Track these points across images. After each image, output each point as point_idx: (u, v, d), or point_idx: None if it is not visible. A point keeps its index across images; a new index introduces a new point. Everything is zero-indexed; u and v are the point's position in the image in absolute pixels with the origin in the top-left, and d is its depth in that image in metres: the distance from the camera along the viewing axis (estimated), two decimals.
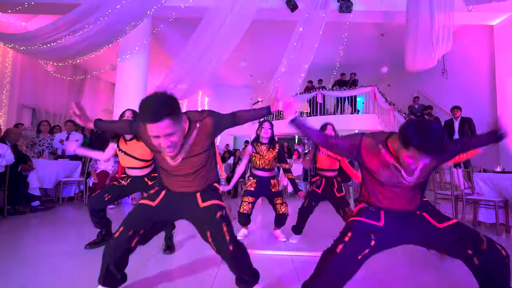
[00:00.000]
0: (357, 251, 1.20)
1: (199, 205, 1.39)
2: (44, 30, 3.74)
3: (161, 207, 1.40)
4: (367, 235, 1.24)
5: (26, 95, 8.08)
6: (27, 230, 3.02)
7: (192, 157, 1.33)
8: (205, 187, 1.44)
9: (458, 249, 1.25)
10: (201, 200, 1.40)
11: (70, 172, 4.80)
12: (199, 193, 1.42)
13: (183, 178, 1.38)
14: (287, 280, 1.78)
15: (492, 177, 3.55)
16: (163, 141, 1.16)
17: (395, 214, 1.31)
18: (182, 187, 1.41)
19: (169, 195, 1.43)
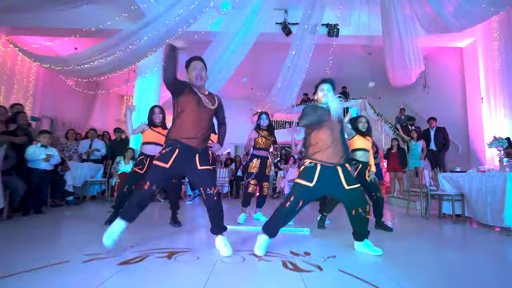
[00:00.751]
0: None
1: (197, 167, 2.05)
2: (80, 54, 4.55)
3: (173, 167, 2.01)
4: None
5: (46, 107, 8.82)
6: (64, 218, 3.67)
7: (207, 112, 2.11)
8: (204, 149, 2.11)
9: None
10: (199, 164, 2.06)
11: (94, 173, 5.53)
12: (198, 154, 2.05)
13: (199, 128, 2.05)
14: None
15: (451, 175, 4.29)
16: (198, 72, 2.07)
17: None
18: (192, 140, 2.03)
19: (178, 154, 2.00)
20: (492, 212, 3.39)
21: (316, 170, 2.09)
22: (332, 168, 2.12)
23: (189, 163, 2.06)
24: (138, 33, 4.53)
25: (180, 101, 2.06)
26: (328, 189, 2.17)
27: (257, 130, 3.52)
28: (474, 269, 1.99)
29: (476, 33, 6.11)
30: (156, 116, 3.23)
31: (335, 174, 2.12)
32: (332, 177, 2.12)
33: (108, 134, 7.00)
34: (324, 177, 2.09)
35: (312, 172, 2.10)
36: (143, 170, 3.07)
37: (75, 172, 4.97)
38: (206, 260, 1.91)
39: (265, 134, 3.51)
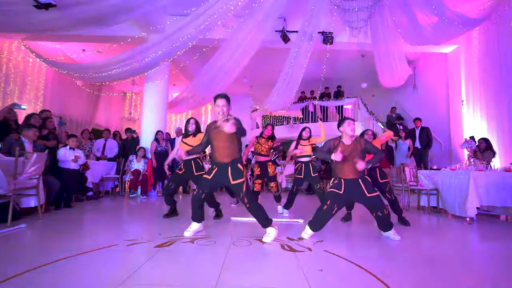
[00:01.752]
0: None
1: (230, 181, 2.63)
2: (101, 63, 5.01)
3: (214, 179, 2.67)
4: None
5: (55, 105, 9.23)
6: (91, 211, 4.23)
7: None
8: (233, 161, 2.63)
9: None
10: (232, 179, 2.63)
11: (109, 171, 6.05)
12: (230, 167, 2.61)
13: (223, 145, 2.62)
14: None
15: (428, 172, 4.87)
16: (221, 108, 2.58)
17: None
18: (223, 157, 2.63)
19: (217, 171, 2.64)
20: (459, 204, 3.98)
21: (341, 184, 2.76)
22: (354, 181, 2.75)
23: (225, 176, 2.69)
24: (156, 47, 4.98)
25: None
26: (353, 196, 2.77)
27: (258, 137, 4.05)
28: (436, 248, 2.57)
29: (459, 41, 6.61)
30: (190, 126, 3.65)
31: (358, 185, 2.74)
32: (355, 187, 2.74)
33: (119, 133, 7.48)
34: (348, 188, 2.73)
35: (340, 185, 2.77)
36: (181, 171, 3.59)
37: (93, 169, 5.49)
38: (221, 244, 2.47)
39: (262, 141, 4.02)
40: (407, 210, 4.83)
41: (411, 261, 2.20)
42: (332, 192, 2.73)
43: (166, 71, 6.35)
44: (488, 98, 5.95)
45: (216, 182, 2.71)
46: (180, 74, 10.16)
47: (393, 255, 2.39)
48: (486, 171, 3.93)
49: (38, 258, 1.98)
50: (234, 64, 6.12)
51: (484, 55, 6.04)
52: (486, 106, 6.00)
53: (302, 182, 4.03)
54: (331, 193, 2.74)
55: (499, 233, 3.37)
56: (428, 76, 8.39)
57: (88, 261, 1.98)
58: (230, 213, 3.91)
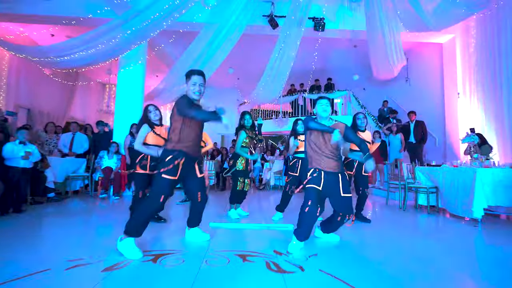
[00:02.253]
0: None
1: (197, 175, 2.34)
2: (60, 46, 4.33)
3: (179, 178, 2.18)
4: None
5: (22, 96, 8.39)
6: (45, 216, 3.61)
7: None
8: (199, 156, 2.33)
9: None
10: (199, 172, 2.36)
11: (77, 168, 5.41)
12: (197, 162, 2.32)
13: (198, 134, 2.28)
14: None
15: (427, 169, 4.52)
16: (198, 87, 2.21)
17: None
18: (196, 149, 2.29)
19: (183, 165, 2.17)
20: (462, 204, 3.63)
21: (321, 177, 2.33)
22: (334, 175, 2.36)
23: (191, 171, 2.31)
24: (123, 26, 4.35)
25: (186, 119, 2.19)
26: (328, 193, 2.36)
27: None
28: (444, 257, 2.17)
29: (455, 30, 6.28)
30: (153, 113, 3.10)
31: (336, 181, 2.35)
32: (333, 183, 2.34)
33: (91, 127, 6.79)
34: (326, 183, 2.33)
35: (319, 179, 2.33)
36: (147, 170, 3.01)
37: (56, 167, 4.85)
38: (191, 262, 1.97)
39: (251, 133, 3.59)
40: (404, 209, 4.47)
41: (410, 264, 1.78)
42: (311, 188, 2.29)
43: (141, 56, 5.68)
44: (486, 90, 5.65)
45: (179, 181, 2.25)
46: (162, 64, 9.47)
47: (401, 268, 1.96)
48: (492, 167, 3.58)
49: None
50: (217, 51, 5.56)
51: (482, 44, 5.73)
52: (484, 99, 5.71)
53: (298, 181, 3.54)
54: (311, 190, 2.28)
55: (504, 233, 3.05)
56: (421, 68, 8.06)
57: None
58: (208, 218, 3.38)
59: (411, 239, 2.82)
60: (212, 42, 5.32)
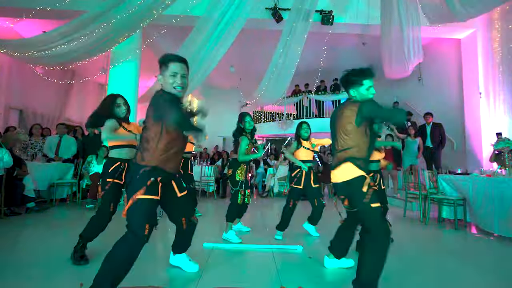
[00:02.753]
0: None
1: (177, 194, 1.78)
2: (39, 39, 3.90)
3: (162, 197, 1.65)
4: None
5: (13, 96, 8.02)
6: (23, 230, 3.19)
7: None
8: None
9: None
10: (178, 191, 1.80)
11: (63, 174, 4.95)
12: (173, 180, 1.77)
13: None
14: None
15: (453, 178, 3.99)
16: (180, 79, 1.61)
17: None
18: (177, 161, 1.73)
19: (163, 183, 1.64)
20: (500, 220, 3.11)
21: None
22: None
23: (169, 192, 1.76)
24: (107, 13, 3.91)
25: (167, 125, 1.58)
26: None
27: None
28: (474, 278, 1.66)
29: (476, 24, 5.76)
30: (122, 107, 2.43)
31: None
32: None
33: (81, 129, 6.36)
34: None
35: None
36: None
37: (39, 173, 4.40)
38: None
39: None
40: (426, 223, 3.94)
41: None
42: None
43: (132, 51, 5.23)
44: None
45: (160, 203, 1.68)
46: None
47: None
48: None
49: None
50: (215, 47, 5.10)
51: (507, 38, 5.20)
52: (510, 98, 5.18)
53: (300, 195, 3.04)
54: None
55: None
56: (436, 66, 7.52)
57: None
58: (203, 235, 2.88)
59: (437, 258, 2.33)
60: (209, 36, 4.86)
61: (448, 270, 2.19)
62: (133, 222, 1.53)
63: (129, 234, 1.53)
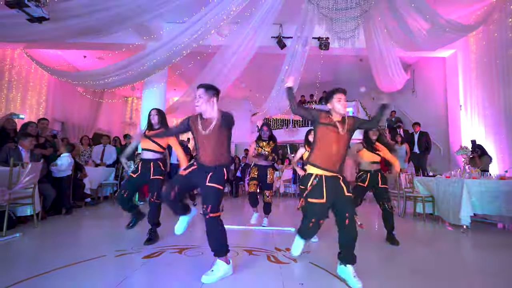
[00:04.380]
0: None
1: (205, 182, 2.07)
2: (97, 71, 5.10)
3: (189, 176, 2.15)
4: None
5: (57, 110, 9.36)
6: (87, 219, 4.30)
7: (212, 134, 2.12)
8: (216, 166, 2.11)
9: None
10: (208, 181, 2.07)
11: (107, 177, 6.14)
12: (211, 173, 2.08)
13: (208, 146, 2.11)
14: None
15: (424, 179, 4.86)
16: (197, 99, 2.12)
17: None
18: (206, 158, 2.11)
19: (196, 169, 2.13)
20: (453, 212, 3.96)
21: (323, 186, 2.09)
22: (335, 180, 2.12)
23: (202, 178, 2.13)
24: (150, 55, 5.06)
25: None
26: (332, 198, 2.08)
27: (257, 141, 3.85)
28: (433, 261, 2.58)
29: (456, 45, 6.58)
30: (152, 117, 3.04)
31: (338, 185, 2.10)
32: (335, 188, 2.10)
33: (119, 139, 7.57)
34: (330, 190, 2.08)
35: (321, 189, 2.10)
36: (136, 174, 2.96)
37: (91, 175, 5.58)
38: (208, 255, 2.49)
39: (263, 144, 3.76)
40: (402, 217, 4.82)
41: (399, 273, 2.21)
42: (313, 205, 2.03)
43: (163, 77, 6.43)
44: (486, 103, 5.91)
45: (190, 181, 2.16)
46: (180, 79, 10.26)
47: (382, 267, 2.41)
48: (480, 178, 3.90)
49: (32, 268, 2.05)
50: (232, 69, 6.17)
51: (481, 59, 6.01)
52: (483, 111, 5.96)
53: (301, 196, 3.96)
54: (314, 207, 2.03)
55: (493, 241, 3.36)
56: (426, 80, 8.35)
57: (79, 272, 2.04)
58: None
59: (406, 244, 3.16)
60: (226, 62, 5.93)
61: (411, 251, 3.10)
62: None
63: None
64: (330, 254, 2.62)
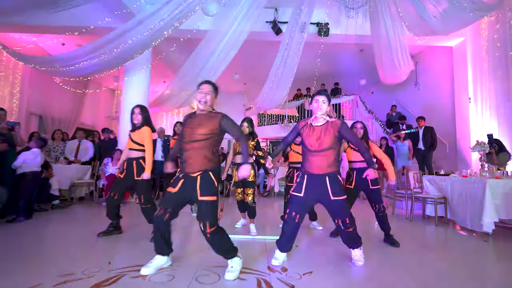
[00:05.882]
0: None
1: (197, 196, 1.95)
2: (65, 56, 4.44)
3: (179, 192, 2.00)
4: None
5: (34, 103, 8.64)
6: (48, 224, 3.67)
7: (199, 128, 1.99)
8: (204, 172, 1.97)
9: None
10: (200, 194, 1.94)
11: (82, 175, 5.49)
12: (199, 183, 1.94)
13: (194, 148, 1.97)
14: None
15: (435, 178, 4.35)
16: (203, 95, 2.03)
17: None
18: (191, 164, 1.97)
19: (184, 182, 1.99)
20: (472, 217, 3.46)
21: (303, 181, 2.30)
22: (320, 177, 2.26)
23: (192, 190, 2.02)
24: (125, 35, 4.42)
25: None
26: (315, 196, 2.29)
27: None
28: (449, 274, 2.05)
29: (465, 33, 6.07)
30: (135, 116, 2.98)
31: (323, 183, 2.25)
32: (319, 186, 2.26)
33: (98, 133, 6.91)
34: (311, 186, 2.27)
35: (301, 184, 2.31)
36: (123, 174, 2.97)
37: (62, 174, 4.94)
38: (181, 279, 1.93)
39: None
40: (410, 220, 4.31)
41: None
42: (292, 196, 2.30)
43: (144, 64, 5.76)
44: (499, 94, 5.42)
45: (182, 197, 2.03)
46: (169, 71, 9.59)
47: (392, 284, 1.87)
48: (504, 179, 3.40)
49: None
50: (221, 57, 5.57)
51: (494, 47, 5.51)
52: (496, 104, 5.48)
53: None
54: (292, 198, 2.30)
55: None
56: (431, 72, 7.85)
57: None
58: None
59: (417, 253, 2.69)
60: (215, 48, 5.33)
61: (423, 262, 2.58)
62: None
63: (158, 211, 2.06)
64: (337, 275, 2.09)
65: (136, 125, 2.98)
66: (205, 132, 1.98)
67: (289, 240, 2.28)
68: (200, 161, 1.98)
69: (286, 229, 2.27)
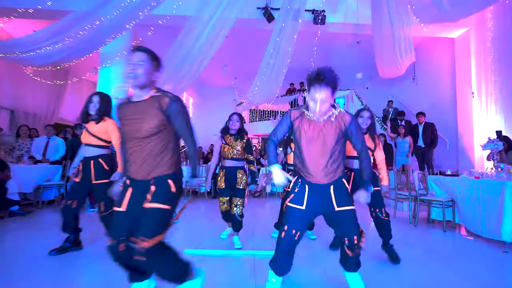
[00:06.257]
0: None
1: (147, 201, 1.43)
2: (26, 39, 3.83)
3: (129, 209, 1.47)
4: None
5: (4, 96, 7.94)
6: (5, 234, 3.14)
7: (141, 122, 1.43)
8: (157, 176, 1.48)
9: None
10: (150, 200, 1.42)
11: (51, 176, 4.89)
12: (153, 186, 1.45)
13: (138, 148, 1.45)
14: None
15: (442, 179, 3.96)
16: (132, 67, 1.40)
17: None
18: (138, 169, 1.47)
19: (132, 193, 1.49)
20: (488, 223, 3.07)
21: (305, 192, 1.77)
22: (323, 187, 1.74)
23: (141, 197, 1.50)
24: (93, 14, 3.84)
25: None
26: (316, 207, 1.75)
27: (223, 135, 2.84)
28: None
29: (469, 23, 5.71)
30: (93, 105, 2.49)
31: (327, 192, 1.74)
32: (322, 196, 1.75)
33: (72, 129, 6.29)
34: (313, 197, 1.76)
35: (302, 194, 1.78)
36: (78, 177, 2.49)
37: (24, 176, 4.34)
38: None
39: (230, 140, 2.80)
40: (415, 225, 3.91)
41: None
42: (290, 209, 1.72)
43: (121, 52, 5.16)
44: (504, 88, 5.08)
45: (130, 212, 1.47)
46: None
47: None
48: None
49: None
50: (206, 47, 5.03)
51: (500, 38, 5.16)
52: (502, 99, 5.13)
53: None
54: (290, 211, 1.72)
55: None
56: (430, 65, 7.49)
57: None
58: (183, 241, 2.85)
59: (426, 264, 2.28)
60: (199, 36, 4.79)
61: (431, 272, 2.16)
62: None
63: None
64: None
65: (93, 116, 2.52)
66: (150, 126, 1.43)
67: (287, 260, 1.76)
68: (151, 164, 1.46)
69: (283, 248, 1.71)
